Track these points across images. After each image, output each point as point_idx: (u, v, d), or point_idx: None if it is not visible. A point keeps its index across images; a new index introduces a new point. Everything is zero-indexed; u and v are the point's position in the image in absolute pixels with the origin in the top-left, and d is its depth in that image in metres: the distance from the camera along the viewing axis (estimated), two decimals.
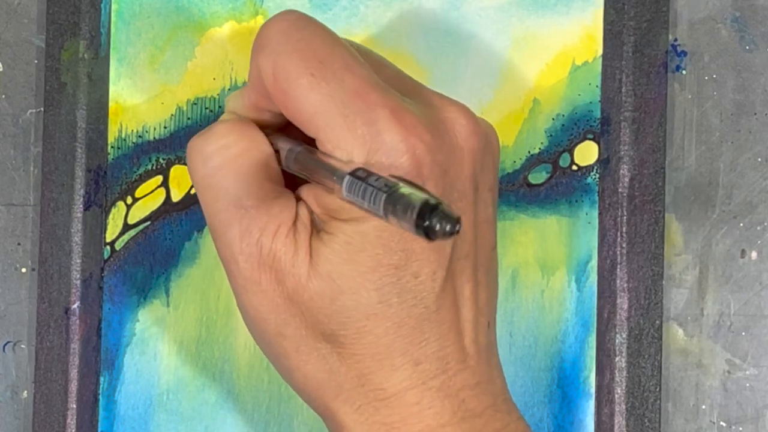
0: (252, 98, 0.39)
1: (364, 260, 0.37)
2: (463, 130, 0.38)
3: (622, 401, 0.45)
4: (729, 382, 0.47)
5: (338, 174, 0.35)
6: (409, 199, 0.31)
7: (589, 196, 0.46)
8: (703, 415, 0.47)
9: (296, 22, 0.38)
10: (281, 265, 0.37)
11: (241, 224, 0.38)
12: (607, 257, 0.46)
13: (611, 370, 0.45)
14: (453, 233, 0.30)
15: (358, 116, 0.36)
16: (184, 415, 0.46)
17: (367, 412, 0.38)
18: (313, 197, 0.38)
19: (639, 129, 0.46)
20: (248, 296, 0.38)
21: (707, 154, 0.47)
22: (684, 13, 0.47)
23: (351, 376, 0.38)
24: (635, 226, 0.46)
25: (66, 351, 0.46)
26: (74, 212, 0.46)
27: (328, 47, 0.37)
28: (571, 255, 0.46)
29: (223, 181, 0.38)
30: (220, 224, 0.38)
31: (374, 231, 0.37)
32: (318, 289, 0.37)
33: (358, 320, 0.37)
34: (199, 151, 0.39)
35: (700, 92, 0.47)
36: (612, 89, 0.46)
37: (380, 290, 0.37)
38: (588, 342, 0.46)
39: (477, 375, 0.38)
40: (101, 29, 0.46)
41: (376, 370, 0.37)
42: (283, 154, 0.39)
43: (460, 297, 0.38)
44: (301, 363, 0.38)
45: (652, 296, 0.46)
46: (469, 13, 0.46)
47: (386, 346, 0.37)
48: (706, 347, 0.47)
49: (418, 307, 0.37)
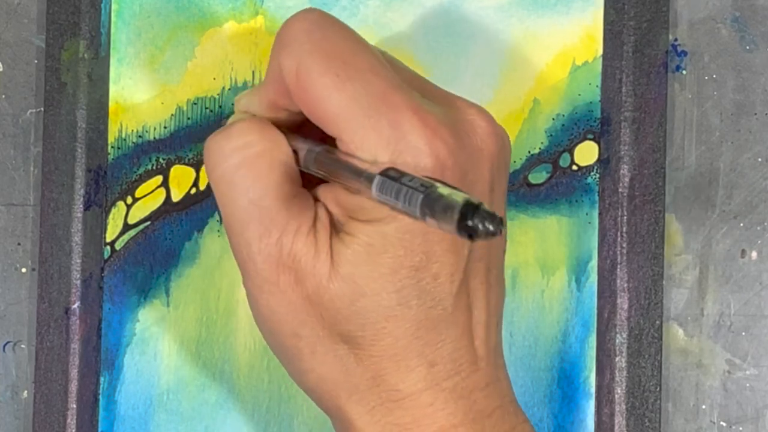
0: (270, 96, 0.39)
1: (385, 262, 0.37)
2: (483, 132, 0.38)
3: (622, 401, 0.45)
4: (729, 382, 0.47)
5: (366, 175, 0.35)
6: (449, 200, 0.31)
7: (589, 196, 0.46)
8: (703, 415, 0.47)
9: (320, 20, 0.38)
10: (301, 265, 0.37)
11: (261, 224, 0.38)
12: (607, 257, 0.46)
13: (611, 370, 0.45)
14: (496, 233, 0.30)
15: (383, 117, 0.36)
16: (184, 415, 0.46)
17: (380, 413, 0.38)
18: (332, 198, 0.38)
19: (639, 129, 0.46)
20: (265, 296, 0.38)
21: (707, 154, 0.47)
22: (684, 13, 0.47)
23: (367, 377, 0.38)
24: (635, 226, 0.46)
25: (66, 351, 0.46)
26: (74, 212, 0.46)
27: (352, 48, 0.37)
28: (572, 255, 0.46)
29: (243, 181, 0.38)
30: (237, 223, 0.38)
31: (396, 233, 0.36)
32: (338, 291, 0.37)
33: (378, 322, 0.37)
34: (218, 150, 0.38)
35: (700, 92, 0.47)
36: (612, 89, 0.46)
37: (400, 292, 0.37)
38: (588, 342, 0.46)
39: (487, 376, 0.38)
40: (101, 29, 0.46)
41: (393, 371, 0.37)
42: (302, 154, 0.39)
43: (473, 299, 0.38)
44: (316, 364, 0.38)
45: (652, 296, 0.46)
46: (469, 13, 0.46)
47: (403, 348, 0.37)
48: (706, 347, 0.47)
49: (436, 308, 0.37)
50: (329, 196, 0.38)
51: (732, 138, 0.47)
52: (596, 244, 0.46)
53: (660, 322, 0.46)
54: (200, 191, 0.46)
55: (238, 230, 0.38)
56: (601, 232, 0.46)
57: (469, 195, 0.31)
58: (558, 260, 0.46)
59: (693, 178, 0.47)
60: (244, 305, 0.46)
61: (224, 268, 0.46)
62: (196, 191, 0.46)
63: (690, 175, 0.47)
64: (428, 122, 0.36)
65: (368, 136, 0.36)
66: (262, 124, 0.39)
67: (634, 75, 0.46)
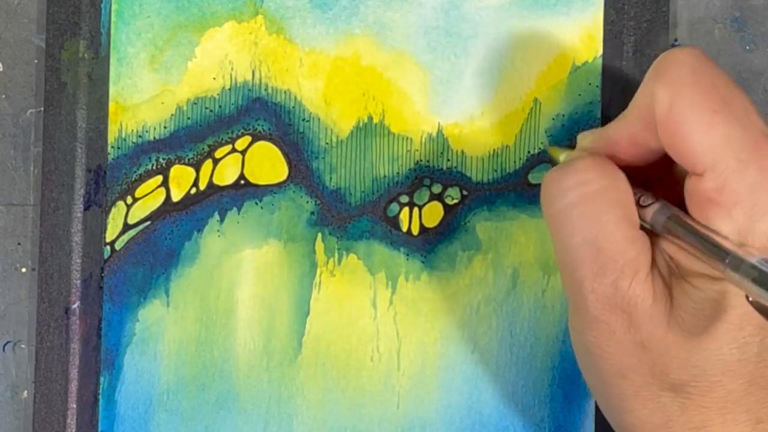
0: (632, 128, 0.39)
1: (730, 319, 0.36)
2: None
3: None
4: None
5: (733, 260, 0.34)
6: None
7: None
8: None
9: (702, 57, 0.38)
10: (637, 310, 0.37)
11: (596, 263, 0.37)
12: None
13: None
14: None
15: (753, 163, 0.36)
16: (184, 415, 0.46)
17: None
18: (675, 251, 0.38)
19: None
20: (593, 334, 0.38)
21: None
22: (684, 13, 0.47)
23: (689, 427, 0.37)
24: None
25: (66, 351, 0.46)
26: (74, 212, 0.46)
27: (731, 89, 0.37)
28: None
29: (580, 218, 0.38)
30: (571, 260, 0.38)
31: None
32: (676, 341, 0.37)
33: (714, 375, 0.37)
34: (557, 185, 0.38)
35: None
36: (612, 89, 0.46)
37: (742, 348, 0.37)
38: None
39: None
40: (101, 29, 0.46)
41: (718, 424, 0.37)
42: (650, 212, 0.38)
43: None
44: (638, 406, 0.38)
45: None
46: (469, 13, 0.46)
47: (734, 402, 0.37)
48: None
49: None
50: (670, 246, 0.38)
51: None
52: None
53: None
54: (200, 191, 0.46)
55: (571, 268, 0.38)
56: None
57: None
58: None
59: None
60: (243, 305, 0.46)
61: (224, 268, 0.46)
62: (196, 191, 0.46)
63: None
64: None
65: (734, 179, 0.36)
66: (603, 162, 0.38)
67: (634, 75, 0.46)
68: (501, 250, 0.46)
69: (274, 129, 0.46)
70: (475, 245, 0.46)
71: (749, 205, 0.36)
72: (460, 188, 0.46)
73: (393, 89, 0.46)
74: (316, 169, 0.46)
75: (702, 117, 0.36)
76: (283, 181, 0.46)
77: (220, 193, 0.46)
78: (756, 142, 0.36)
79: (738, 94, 0.37)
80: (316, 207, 0.46)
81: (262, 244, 0.46)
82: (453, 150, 0.46)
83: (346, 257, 0.46)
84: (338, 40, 0.46)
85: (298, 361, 0.46)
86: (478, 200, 0.46)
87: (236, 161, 0.46)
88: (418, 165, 0.46)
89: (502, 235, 0.46)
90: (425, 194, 0.46)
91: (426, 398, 0.46)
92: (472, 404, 0.46)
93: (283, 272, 0.46)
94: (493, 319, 0.46)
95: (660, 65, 0.38)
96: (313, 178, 0.46)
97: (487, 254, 0.46)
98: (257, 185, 0.46)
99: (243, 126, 0.46)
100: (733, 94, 0.37)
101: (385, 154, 0.46)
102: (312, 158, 0.46)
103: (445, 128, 0.46)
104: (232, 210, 0.46)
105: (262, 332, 0.46)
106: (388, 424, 0.46)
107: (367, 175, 0.46)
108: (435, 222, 0.46)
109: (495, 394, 0.46)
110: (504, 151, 0.46)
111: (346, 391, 0.46)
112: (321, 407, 0.46)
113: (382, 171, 0.46)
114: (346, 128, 0.46)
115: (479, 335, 0.46)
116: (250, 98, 0.46)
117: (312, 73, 0.46)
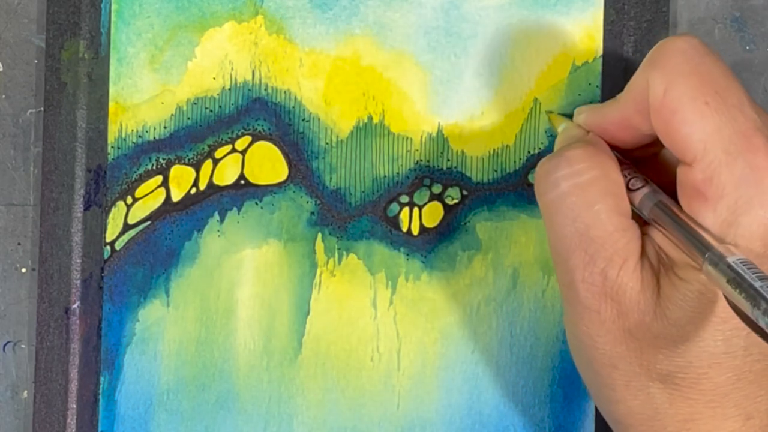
0: (626, 112, 0.39)
1: (717, 311, 0.36)
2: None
3: None
4: None
5: (712, 256, 0.34)
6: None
7: None
8: None
9: (699, 47, 0.38)
10: (625, 299, 0.37)
11: (586, 253, 0.38)
12: None
13: None
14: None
15: (741, 157, 0.36)
16: (184, 415, 0.46)
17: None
18: (663, 239, 0.38)
19: None
20: (585, 324, 0.38)
21: None
22: (684, 13, 0.47)
23: (677, 419, 0.37)
24: None
25: (66, 351, 0.46)
26: (74, 212, 0.46)
27: (726, 81, 0.37)
28: None
29: (571, 209, 0.38)
30: (563, 250, 0.38)
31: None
32: (662, 331, 0.37)
33: (700, 367, 0.37)
34: (548, 175, 0.39)
35: None
36: (612, 89, 0.46)
37: (728, 341, 0.36)
38: None
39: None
40: (101, 29, 0.46)
41: (707, 417, 0.37)
42: (638, 196, 0.39)
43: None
44: (628, 397, 0.38)
45: None
46: (469, 13, 0.46)
47: (722, 396, 0.37)
48: None
49: (762, 362, 0.37)
50: (660, 237, 0.38)
51: None
52: None
53: None
54: (200, 191, 0.46)
55: (563, 256, 0.38)
56: None
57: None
58: None
59: None
60: (243, 305, 0.46)
61: (224, 268, 0.46)
62: (196, 191, 0.46)
63: None
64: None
65: (721, 171, 0.36)
66: (595, 152, 0.39)
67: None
68: (501, 250, 0.46)
69: (274, 129, 0.46)
70: (475, 245, 0.46)
71: (734, 199, 0.36)
72: (460, 188, 0.46)
73: (393, 89, 0.46)
74: (316, 169, 0.46)
75: (694, 107, 0.36)
76: (283, 181, 0.46)
77: (220, 193, 0.46)
78: (746, 135, 0.36)
79: (733, 86, 0.37)
80: (316, 207, 0.46)
81: (262, 244, 0.46)
82: (453, 150, 0.46)
83: (346, 257, 0.46)
84: (338, 40, 0.46)
85: (298, 361, 0.46)
86: (478, 200, 0.46)
87: (236, 161, 0.46)
88: (418, 165, 0.46)
89: (502, 235, 0.46)
90: (425, 194, 0.46)
91: (426, 398, 0.46)
92: (472, 404, 0.46)
93: (283, 272, 0.46)
94: (493, 319, 0.46)
95: (657, 52, 0.38)
96: (313, 178, 0.46)
97: (487, 254, 0.46)
98: (257, 185, 0.46)
99: (243, 126, 0.46)
100: (729, 85, 0.37)
101: (385, 154, 0.46)
102: (312, 158, 0.46)
103: (445, 128, 0.46)
104: (232, 210, 0.46)
105: (262, 332, 0.46)
106: (388, 424, 0.46)
107: (367, 175, 0.46)
108: (435, 222, 0.46)
109: (495, 394, 0.46)
110: (504, 151, 0.46)
111: (346, 391, 0.46)
112: (321, 407, 0.46)
113: (382, 171, 0.46)
114: (346, 128, 0.46)
115: (479, 335, 0.46)
116: (250, 98, 0.46)
117: (312, 73, 0.46)
